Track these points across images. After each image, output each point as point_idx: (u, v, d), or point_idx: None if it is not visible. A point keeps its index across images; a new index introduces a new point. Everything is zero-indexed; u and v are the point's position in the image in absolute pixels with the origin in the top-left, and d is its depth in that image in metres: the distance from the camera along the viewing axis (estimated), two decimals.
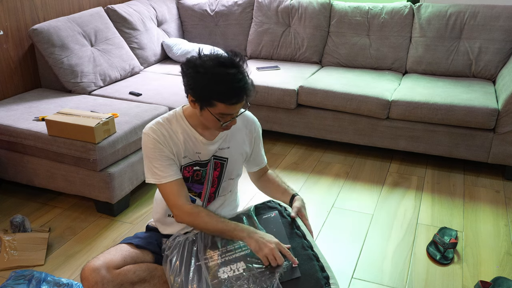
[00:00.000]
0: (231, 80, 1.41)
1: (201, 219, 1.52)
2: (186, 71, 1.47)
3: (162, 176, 1.53)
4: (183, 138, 1.58)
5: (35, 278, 2.06)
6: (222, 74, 1.41)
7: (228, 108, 1.44)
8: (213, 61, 1.43)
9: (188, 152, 1.60)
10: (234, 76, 1.41)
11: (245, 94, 1.45)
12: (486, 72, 3.36)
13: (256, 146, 1.76)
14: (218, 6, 4.05)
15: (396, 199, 2.77)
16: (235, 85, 1.41)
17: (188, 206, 1.54)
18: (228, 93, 1.42)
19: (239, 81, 1.41)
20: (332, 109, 3.20)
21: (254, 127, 1.73)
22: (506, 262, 2.23)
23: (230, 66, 1.42)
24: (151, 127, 1.57)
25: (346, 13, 3.69)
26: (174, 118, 1.60)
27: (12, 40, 3.01)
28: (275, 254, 1.42)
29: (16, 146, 2.59)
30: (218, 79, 1.41)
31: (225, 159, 1.64)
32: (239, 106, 1.47)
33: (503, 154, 2.91)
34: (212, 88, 1.42)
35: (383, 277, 2.14)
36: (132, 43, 3.58)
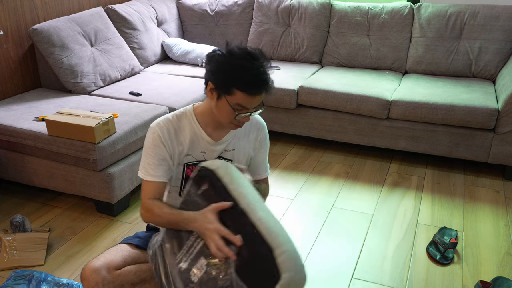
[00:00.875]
0: (255, 71, 1.43)
1: (155, 214, 1.48)
2: (212, 56, 1.48)
3: (149, 174, 1.54)
4: (190, 136, 1.58)
5: (35, 278, 2.06)
6: (248, 63, 1.43)
7: (246, 99, 1.44)
8: (242, 50, 1.45)
9: (192, 151, 1.59)
10: (258, 67, 1.43)
11: (266, 89, 1.45)
12: (486, 72, 3.36)
13: (260, 152, 1.72)
14: (218, 6, 4.05)
15: (396, 199, 2.77)
16: (258, 76, 1.43)
17: (148, 202, 1.52)
18: (250, 82, 1.42)
19: (263, 73, 1.44)
20: (332, 109, 3.20)
21: (262, 131, 1.71)
22: (506, 262, 2.23)
23: (257, 58, 1.45)
24: (159, 123, 1.57)
25: (346, 13, 3.69)
26: (184, 115, 1.61)
27: (12, 40, 3.00)
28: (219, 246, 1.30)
29: (16, 146, 2.59)
30: (243, 67, 1.43)
31: (230, 161, 1.64)
32: (257, 100, 1.47)
33: (503, 154, 2.91)
34: (235, 75, 1.43)
35: (383, 277, 2.14)
36: (132, 43, 3.58)
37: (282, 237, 1.25)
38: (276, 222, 1.31)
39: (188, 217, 1.39)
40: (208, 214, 1.34)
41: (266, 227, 1.26)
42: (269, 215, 1.32)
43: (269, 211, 1.35)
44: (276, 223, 1.30)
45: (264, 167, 1.76)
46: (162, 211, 1.47)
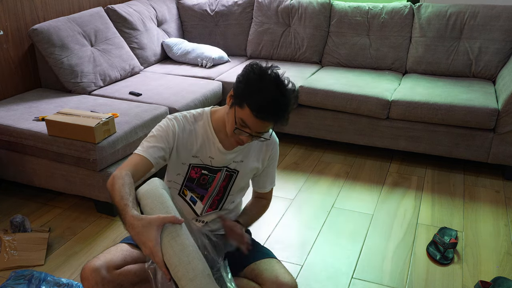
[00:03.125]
0: (273, 98, 1.39)
1: (114, 186, 1.37)
2: (247, 68, 1.46)
3: (143, 149, 1.50)
4: (201, 139, 1.58)
5: (35, 278, 2.06)
6: (270, 88, 1.40)
7: (251, 119, 1.41)
8: (274, 76, 1.42)
9: (201, 154, 1.59)
10: (278, 97, 1.40)
11: (275, 120, 1.42)
12: (486, 72, 3.35)
13: (269, 167, 1.70)
14: (218, 6, 4.05)
15: (396, 199, 2.77)
16: (272, 104, 1.39)
17: (121, 171, 1.43)
18: (262, 105, 1.39)
19: (278, 104, 1.40)
20: (332, 109, 3.20)
21: (274, 149, 1.68)
22: (506, 262, 2.23)
23: (282, 89, 1.41)
24: (177, 116, 1.57)
25: (346, 13, 3.69)
26: (201, 117, 1.60)
27: (12, 40, 3.00)
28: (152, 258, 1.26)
29: (16, 146, 2.59)
30: (264, 89, 1.40)
31: (236, 172, 1.63)
32: (262, 126, 1.43)
33: (503, 154, 2.91)
34: (252, 92, 1.40)
35: (383, 277, 2.14)
36: (132, 43, 3.58)
37: (178, 263, 1.23)
38: (176, 245, 1.25)
39: (128, 218, 1.27)
40: (151, 228, 1.24)
41: (167, 254, 1.24)
42: (180, 245, 1.25)
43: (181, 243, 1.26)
44: (175, 245, 1.25)
45: (271, 180, 1.74)
46: (119, 189, 1.35)
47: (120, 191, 1.34)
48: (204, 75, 3.53)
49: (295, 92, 1.46)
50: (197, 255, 1.25)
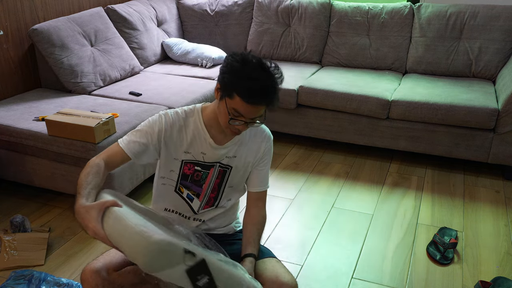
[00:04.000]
0: (259, 81, 1.41)
1: (81, 174, 1.43)
2: (228, 58, 1.47)
3: (127, 142, 1.54)
4: (192, 135, 1.58)
5: (35, 278, 2.06)
6: (255, 72, 1.41)
7: (243, 106, 1.42)
8: (256, 59, 1.44)
9: (192, 149, 1.59)
10: (265, 80, 1.41)
11: (266, 102, 1.43)
12: (486, 72, 3.35)
13: (262, 164, 1.67)
14: (218, 6, 4.05)
15: (396, 199, 2.77)
16: (260, 87, 1.40)
17: (97, 159, 1.50)
18: (250, 91, 1.40)
19: (267, 87, 1.41)
20: (332, 109, 3.20)
21: (267, 143, 1.67)
22: (506, 262, 2.23)
23: (267, 70, 1.43)
24: (167, 112, 1.59)
25: (346, 13, 3.69)
26: (192, 113, 1.61)
27: (12, 40, 3.00)
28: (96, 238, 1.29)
29: (16, 146, 2.59)
30: (249, 74, 1.41)
31: (229, 168, 1.63)
32: (255, 111, 1.44)
33: (503, 154, 2.91)
34: (239, 80, 1.41)
35: (383, 277, 2.14)
36: (132, 43, 3.58)
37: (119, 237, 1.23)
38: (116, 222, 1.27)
39: (76, 206, 1.33)
40: (91, 211, 1.29)
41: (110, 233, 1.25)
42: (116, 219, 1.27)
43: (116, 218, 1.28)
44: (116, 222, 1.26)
45: (266, 180, 1.71)
46: (83, 177, 1.42)
47: (82, 180, 1.41)
48: (204, 75, 3.53)
49: (279, 71, 1.47)
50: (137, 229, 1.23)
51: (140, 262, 1.19)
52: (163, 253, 1.19)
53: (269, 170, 1.70)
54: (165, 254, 1.19)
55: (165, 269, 1.19)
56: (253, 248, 1.56)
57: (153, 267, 1.19)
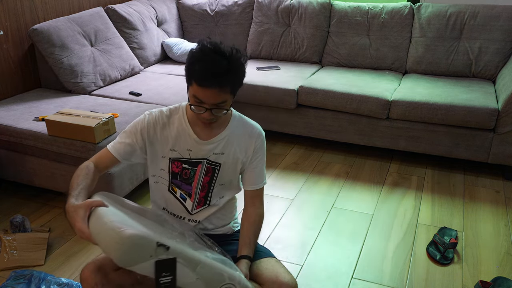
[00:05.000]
0: (211, 64, 1.41)
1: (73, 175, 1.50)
2: (191, 49, 1.50)
3: (113, 146, 1.61)
4: (176, 132, 1.59)
5: (35, 278, 2.06)
6: (206, 56, 1.42)
7: (199, 90, 1.43)
8: (213, 45, 1.45)
9: (178, 146, 1.60)
10: (216, 62, 1.41)
11: (218, 85, 1.42)
12: (486, 72, 3.35)
13: (255, 161, 1.65)
14: (218, 6, 4.05)
15: (396, 199, 2.77)
16: (210, 68, 1.41)
17: (87, 162, 1.56)
18: (201, 73, 1.41)
19: (218, 69, 1.41)
20: (332, 109, 3.20)
21: (258, 140, 1.65)
22: (506, 262, 2.23)
23: (218, 53, 1.43)
24: (152, 112, 1.63)
25: (346, 13, 3.69)
26: (176, 111, 1.63)
27: (12, 40, 3.01)
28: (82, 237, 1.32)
29: (16, 146, 2.59)
30: (201, 58, 1.43)
31: (218, 165, 1.62)
32: (212, 96, 1.43)
33: (503, 154, 2.91)
34: (194, 66, 1.43)
35: (383, 277, 2.14)
36: (132, 43, 3.58)
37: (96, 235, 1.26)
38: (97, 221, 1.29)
39: (66, 206, 1.37)
40: (79, 210, 1.33)
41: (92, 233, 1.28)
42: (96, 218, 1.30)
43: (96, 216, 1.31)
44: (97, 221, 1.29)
45: (261, 177, 1.68)
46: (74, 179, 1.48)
47: (72, 182, 1.47)
48: None
49: (239, 55, 1.46)
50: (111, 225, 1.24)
51: (113, 256, 1.21)
52: (135, 246, 1.20)
53: (264, 167, 1.69)
54: (137, 248, 1.20)
55: (139, 263, 1.21)
56: (249, 250, 1.56)
57: (126, 261, 1.20)
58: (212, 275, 1.29)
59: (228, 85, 1.44)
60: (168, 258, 1.22)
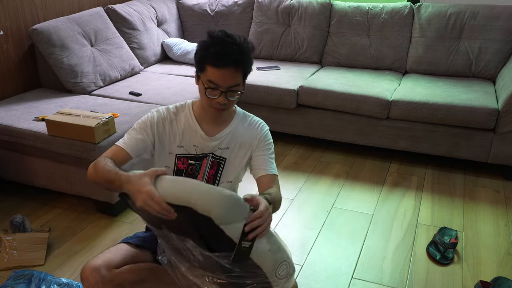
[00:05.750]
0: (224, 44, 1.46)
1: (97, 169, 1.46)
2: (199, 41, 1.54)
3: (124, 142, 1.58)
4: (183, 128, 1.61)
5: (35, 278, 2.06)
6: (218, 39, 1.47)
7: (215, 73, 1.46)
8: (222, 31, 1.50)
9: (185, 143, 1.61)
10: (230, 44, 1.46)
11: (235, 62, 1.46)
12: (486, 72, 3.35)
13: (261, 151, 1.66)
14: (218, 6, 4.05)
15: (396, 199, 2.77)
16: (226, 48, 1.45)
17: (99, 158, 1.52)
18: (217, 53, 1.45)
19: (232, 49, 1.45)
20: (332, 109, 3.20)
21: (261, 131, 1.67)
22: (506, 262, 2.23)
23: (231, 37, 1.48)
24: (159, 109, 1.64)
25: (346, 13, 3.69)
26: (183, 108, 1.65)
27: (12, 40, 3.01)
28: (148, 203, 1.29)
29: (16, 146, 2.59)
30: (213, 42, 1.47)
31: (223, 159, 1.64)
32: (227, 76, 1.46)
33: (503, 154, 2.91)
34: (207, 51, 1.47)
35: (383, 277, 2.14)
36: (132, 43, 3.58)
37: (186, 194, 1.27)
38: (174, 183, 1.32)
39: (123, 178, 1.37)
40: (144, 177, 1.32)
41: (173, 196, 1.28)
42: (171, 181, 1.33)
43: (171, 180, 1.34)
44: (174, 183, 1.32)
45: (269, 164, 1.68)
46: (103, 167, 1.44)
47: (105, 168, 1.44)
48: None
49: (244, 39, 1.51)
50: (208, 185, 1.28)
51: (215, 212, 1.23)
52: (235, 206, 1.27)
53: (272, 158, 1.68)
54: (237, 208, 1.27)
55: (234, 223, 1.25)
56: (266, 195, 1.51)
57: (225, 218, 1.24)
58: (279, 249, 1.33)
59: (241, 66, 1.48)
60: None
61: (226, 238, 1.26)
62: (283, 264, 1.34)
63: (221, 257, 1.28)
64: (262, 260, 1.29)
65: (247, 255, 1.27)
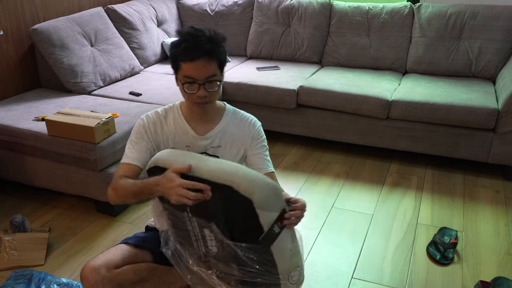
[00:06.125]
0: (193, 38, 1.47)
1: (120, 188, 1.48)
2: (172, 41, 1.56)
3: (127, 157, 1.57)
4: (174, 130, 1.61)
5: (34, 278, 2.06)
6: (187, 36, 1.48)
7: (189, 67, 1.46)
8: (189, 28, 1.51)
9: (178, 144, 1.62)
10: (198, 36, 1.47)
11: (205, 53, 1.46)
12: (486, 72, 3.35)
13: (255, 149, 1.67)
14: (218, 6, 4.05)
15: (396, 199, 2.77)
16: (196, 42, 1.46)
17: (115, 180, 1.53)
18: (188, 48, 1.46)
19: (200, 40, 1.46)
20: (332, 109, 3.20)
21: (253, 128, 1.67)
22: (506, 262, 2.23)
23: (197, 31, 1.49)
24: (147, 114, 1.64)
25: (346, 13, 3.69)
26: (171, 109, 1.66)
27: (12, 40, 3.01)
28: (182, 193, 1.30)
29: (16, 146, 2.59)
30: (183, 40, 1.48)
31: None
32: (202, 69, 1.47)
33: (503, 154, 2.91)
34: (177, 48, 1.48)
35: (383, 277, 2.14)
36: (132, 43, 3.58)
37: (231, 174, 1.30)
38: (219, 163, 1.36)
39: (151, 182, 1.40)
40: (169, 174, 1.35)
41: (217, 174, 1.31)
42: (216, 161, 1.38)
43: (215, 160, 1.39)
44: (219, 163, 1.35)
45: (265, 162, 1.68)
46: (127, 183, 1.47)
47: (126, 184, 1.46)
48: None
49: (214, 31, 1.52)
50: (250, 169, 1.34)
51: (256, 196, 1.26)
52: (276, 196, 1.31)
53: (267, 154, 1.69)
54: (277, 197, 1.31)
55: (270, 211, 1.28)
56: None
57: (266, 204, 1.27)
58: (298, 253, 1.38)
59: (214, 54, 1.48)
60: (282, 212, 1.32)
61: (255, 226, 1.28)
62: (297, 270, 1.38)
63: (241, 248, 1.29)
64: (281, 257, 1.32)
65: (274, 239, 1.29)
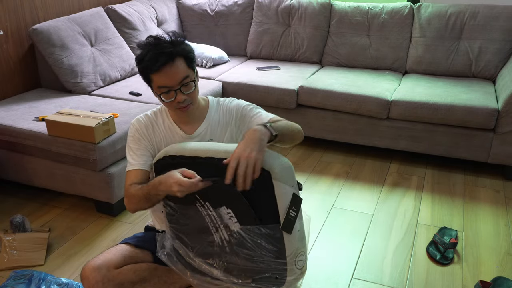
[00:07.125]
0: (151, 49, 1.46)
1: (133, 196, 1.50)
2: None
3: (131, 164, 1.58)
4: (165, 131, 1.62)
5: (35, 278, 2.06)
6: (147, 47, 1.48)
7: (159, 78, 1.46)
8: (146, 39, 1.51)
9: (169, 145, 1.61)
10: (153, 44, 1.47)
11: (168, 54, 1.45)
12: (486, 72, 3.35)
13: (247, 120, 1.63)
14: (218, 6, 4.05)
15: (396, 199, 2.77)
16: (157, 50, 1.45)
17: (126, 189, 1.54)
18: (152, 59, 1.45)
19: (160, 46, 1.45)
20: (332, 109, 3.20)
21: (237, 111, 1.65)
22: (506, 262, 2.23)
23: (155, 39, 1.49)
24: (138, 118, 1.64)
25: (346, 13, 3.69)
26: (160, 112, 1.66)
27: (12, 40, 3.01)
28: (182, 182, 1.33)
29: (16, 146, 2.59)
30: (143, 52, 1.48)
31: None
32: (172, 75, 1.46)
33: (503, 154, 2.91)
34: (142, 63, 1.48)
35: (383, 277, 2.14)
36: (132, 43, 3.58)
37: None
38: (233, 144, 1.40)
39: (155, 182, 1.41)
40: (170, 172, 1.38)
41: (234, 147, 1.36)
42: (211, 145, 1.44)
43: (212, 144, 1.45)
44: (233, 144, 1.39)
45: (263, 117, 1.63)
46: (136, 189, 1.49)
47: (136, 190, 1.49)
48: (204, 75, 3.53)
49: (172, 33, 1.52)
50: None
51: (275, 168, 1.35)
52: (291, 171, 1.41)
53: (260, 112, 1.64)
54: (291, 173, 1.42)
55: (285, 184, 1.38)
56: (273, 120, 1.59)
57: (283, 176, 1.37)
58: (304, 238, 1.44)
59: (178, 56, 1.47)
60: (300, 197, 1.45)
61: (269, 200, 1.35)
62: (303, 255, 1.43)
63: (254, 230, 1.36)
64: (288, 236, 1.39)
65: (292, 224, 1.39)
